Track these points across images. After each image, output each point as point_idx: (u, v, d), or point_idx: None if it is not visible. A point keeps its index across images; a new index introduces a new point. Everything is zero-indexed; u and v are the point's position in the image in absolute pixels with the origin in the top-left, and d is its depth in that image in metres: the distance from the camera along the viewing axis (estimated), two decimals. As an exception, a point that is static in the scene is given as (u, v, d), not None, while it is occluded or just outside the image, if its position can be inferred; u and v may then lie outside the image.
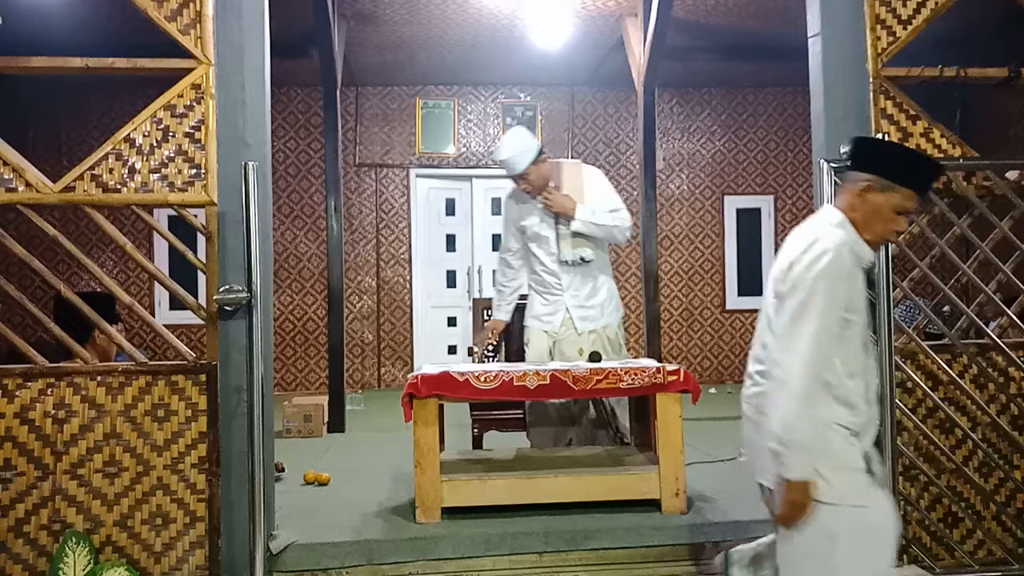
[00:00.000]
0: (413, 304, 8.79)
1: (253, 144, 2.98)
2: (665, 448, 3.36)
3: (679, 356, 8.95)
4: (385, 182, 8.77)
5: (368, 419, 6.58)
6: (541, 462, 3.58)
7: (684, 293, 9.05)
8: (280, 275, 8.52)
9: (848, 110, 3.17)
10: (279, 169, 8.51)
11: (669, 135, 9.03)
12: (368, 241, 8.75)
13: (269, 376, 3.00)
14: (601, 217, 3.85)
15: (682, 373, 3.37)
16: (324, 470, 4.30)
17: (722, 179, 9.10)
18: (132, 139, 2.92)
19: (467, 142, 8.83)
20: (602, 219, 3.85)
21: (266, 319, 2.96)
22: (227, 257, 2.92)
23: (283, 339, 8.57)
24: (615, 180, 8.99)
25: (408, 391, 3.30)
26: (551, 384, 3.33)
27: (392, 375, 8.76)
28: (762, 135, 9.14)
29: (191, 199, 2.92)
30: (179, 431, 2.90)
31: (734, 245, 9.12)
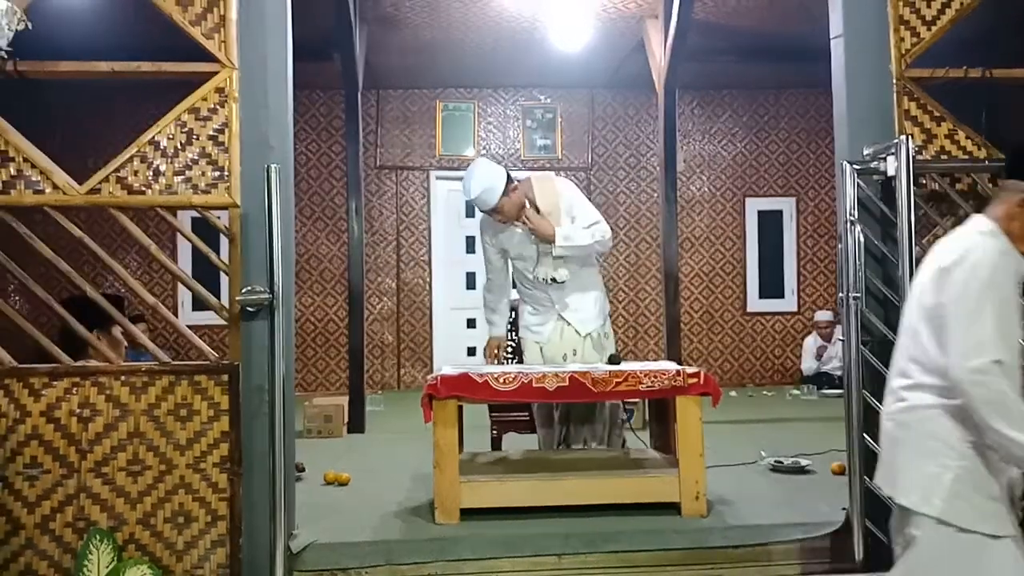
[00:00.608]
0: (433, 306, 8.81)
1: (276, 146, 3.00)
2: (685, 451, 3.34)
3: (699, 359, 8.90)
4: (405, 184, 8.80)
5: (388, 420, 6.59)
6: (560, 464, 3.57)
7: (704, 295, 9.00)
8: (301, 276, 8.57)
9: (871, 112, 3.14)
10: (301, 171, 8.57)
11: (690, 137, 8.99)
12: (388, 243, 8.78)
13: (290, 376, 3.02)
14: (580, 236, 3.81)
15: (702, 376, 3.35)
16: (344, 470, 4.32)
17: (743, 181, 9.05)
18: (156, 142, 2.95)
19: (487, 144, 8.84)
20: (581, 238, 3.80)
21: (287, 320, 2.98)
22: (249, 258, 2.94)
23: (304, 340, 8.62)
24: (636, 182, 8.96)
25: (428, 392, 3.31)
26: (570, 386, 3.33)
27: (412, 376, 8.78)
28: (784, 137, 9.07)
29: (214, 201, 2.95)
30: (201, 430, 2.93)
31: (755, 247, 9.06)
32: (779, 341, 9.05)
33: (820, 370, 8.23)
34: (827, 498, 3.60)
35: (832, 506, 3.38)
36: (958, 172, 3.19)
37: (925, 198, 3.16)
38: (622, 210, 8.95)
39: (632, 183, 8.98)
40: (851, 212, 3.02)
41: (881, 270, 3.12)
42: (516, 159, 8.84)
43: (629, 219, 8.96)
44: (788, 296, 9.10)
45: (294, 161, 3.27)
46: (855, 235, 2.99)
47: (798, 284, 9.09)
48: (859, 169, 3.05)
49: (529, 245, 3.91)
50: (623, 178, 8.97)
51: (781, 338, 9.05)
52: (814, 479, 4.15)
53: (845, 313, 3.01)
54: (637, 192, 8.97)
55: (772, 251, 9.08)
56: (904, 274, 2.99)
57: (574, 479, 3.37)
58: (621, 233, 8.94)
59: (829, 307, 8.85)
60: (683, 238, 8.76)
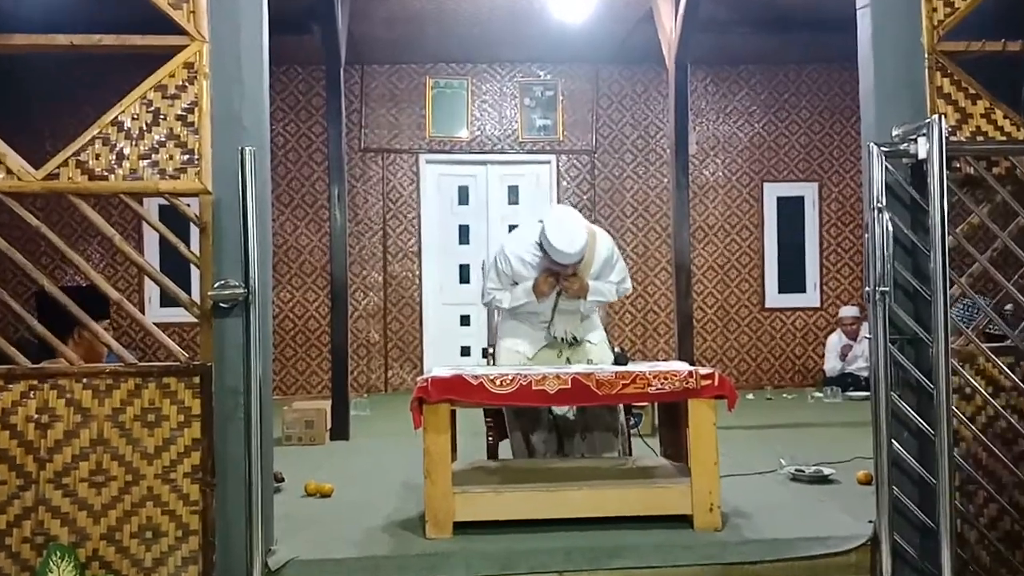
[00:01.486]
0: (423, 301, 8.81)
1: (250, 127, 2.99)
2: (698, 459, 3.35)
3: (713, 359, 8.92)
4: (393, 168, 8.80)
5: (374, 425, 6.60)
6: (562, 473, 3.58)
7: (719, 290, 9.02)
8: (279, 270, 8.57)
9: (900, 88, 3.14)
10: (278, 155, 8.56)
11: (703, 116, 8.99)
12: (374, 233, 8.78)
13: (268, 378, 3.02)
14: (607, 290, 3.99)
15: (717, 377, 3.36)
16: (327, 480, 4.32)
17: (761, 165, 9.05)
18: (120, 123, 2.94)
19: (482, 124, 8.84)
20: (608, 292, 3.99)
21: (264, 317, 2.98)
22: (222, 250, 2.94)
23: (283, 339, 8.62)
24: (644, 166, 8.97)
25: (417, 395, 3.31)
26: (573, 389, 3.33)
27: (400, 378, 8.79)
28: (805, 116, 9.07)
29: (183, 187, 2.94)
30: (171, 437, 2.93)
31: (774, 237, 9.07)
32: (800, 339, 9.06)
33: (845, 371, 8.25)
34: (852, 510, 3.61)
35: (857, 519, 3.39)
36: (995, 155, 3.19)
37: (959, 183, 3.16)
38: (629, 197, 8.96)
39: (640, 167, 8.98)
40: (878, 198, 3.02)
41: (911, 261, 3.12)
42: (513, 141, 8.84)
43: (637, 206, 8.96)
44: (810, 290, 9.11)
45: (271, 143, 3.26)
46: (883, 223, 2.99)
47: (821, 277, 9.10)
48: (887, 151, 3.05)
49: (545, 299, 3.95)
50: (630, 162, 8.97)
51: (802, 336, 9.06)
52: (838, 489, 4.15)
53: (872, 308, 3.01)
54: (645, 177, 8.97)
55: (792, 241, 9.09)
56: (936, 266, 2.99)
57: (577, 490, 3.37)
58: (628, 222, 8.95)
59: (855, 302, 8.87)
60: (695, 227, 8.77)
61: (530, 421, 4.00)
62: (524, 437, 4.01)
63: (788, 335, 9.07)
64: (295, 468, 4.64)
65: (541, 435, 4.01)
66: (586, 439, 4.00)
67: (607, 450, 3.99)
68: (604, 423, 3.99)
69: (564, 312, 4.03)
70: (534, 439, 4.01)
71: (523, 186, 8.98)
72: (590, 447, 4.00)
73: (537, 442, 4.02)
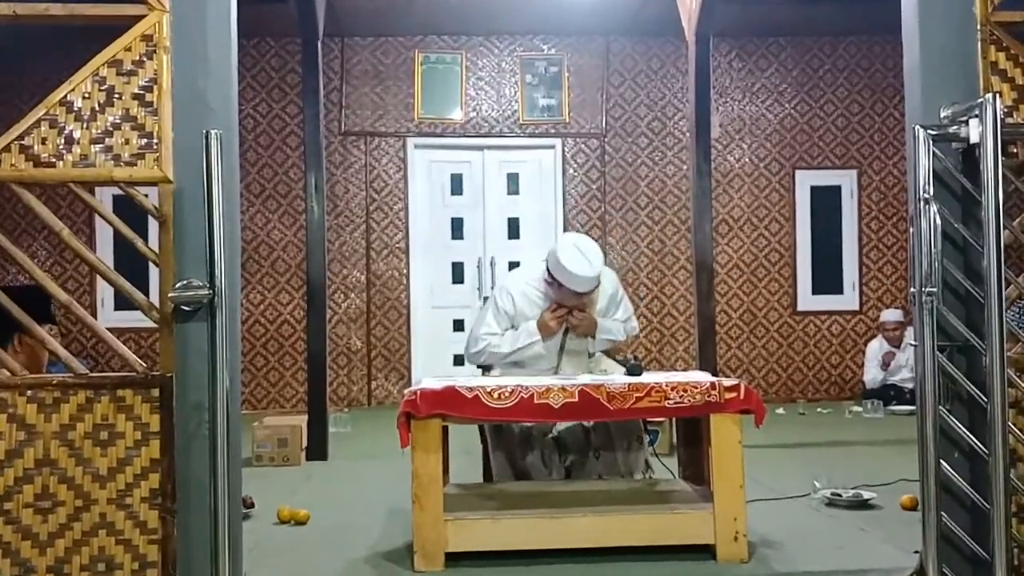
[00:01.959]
0: (411, 304, 8.81)
1: (216, 108, 2.99)
2: (721, 482, 3.35)
3: (739, 368, 8.92)
4: (377, 154, 8.80)
5: (356, 444, 6.61)
6: (567, 498, 3.58)
7: (745, 291, 9.02)
8: (249, 268, 8.57)
9: (949, 64, 3.14)
10: (248, 139, 8.56)
11: (727, 96, 9.00)
12: (356, 227, 8.78)
13: (236, 391, 3.02)
14: (615, 329, 4.12)
15: (742, 389, 3.36)
16: (302, 506, 4.32)
17: (793, 150, 9.05)
18: (69, 102, 2.94)
19: (477, 105, 8.84)
20: (616, 332, 4.13)
21: (232, 321, 2.97)
22: (185, 246, 2.93)
23: (253, 346, 8.62)
24: (660, 152, 8.97)
25: (405, 410, 3.31)
26: (580, 403, 3.33)
27: (385, 390, 8.79)
28: (842, 95, 9.08)
29: (141, 175, 2.94)
30: (126, 458, 2.92)
31: (807, 231, 9.08)
32: (837, 347, 9.07)
33: (887, 382, 8.25)
34: (895, 539, 3.61)
35: (901, 549, 3.39)
36: (1057, 138, 3.18)
37: (1016, 170, 3.16)
38: (643, 186, 8.96)
39: (656, 152, 8.98)
40: (925, 188, 3.02)
41: (962, 259, 3.12)
42: (513, 123, 8.85)
43: (652, 197, 8.96)
44: (848, 291, 9.12)
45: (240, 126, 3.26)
46: (930, 216, 2.99)
47: (860, 276, 9.11)
48: (935, 135, 3.05)
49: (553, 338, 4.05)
50: (645, 146, 8.97)
51: (839, 343, 9.07)
52: (879, 515, 4.16)
53: (918, 312, 3.01)
54: (662, 164, 8.97)
55: (828, 236, 9.10)
56: (990, 263, 2.99)
57: (583, 517, 3.37)
58: (642, 214, 8.96)
59: (898, 304, 8.88)
60: (719, 220, 8.78)
61: (520, 438, 3.98)
62: (509, 459, 3.99)
63: (823, 342, 9.07)
64: (267, 492, 4.63)
65: (535, 455, 4.00)
66: (601, 457, 3.99)
67: (631, 469, 3.98)
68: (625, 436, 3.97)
69: (572, 353, 4.08)
70: (529, 460, 4.00)
71: (524, 174, 8.99)
72: (608, 467, 3.98)
73: (533, 463, 3.99)
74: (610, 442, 3.98)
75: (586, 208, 8.89)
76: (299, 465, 5.82)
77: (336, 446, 6.26)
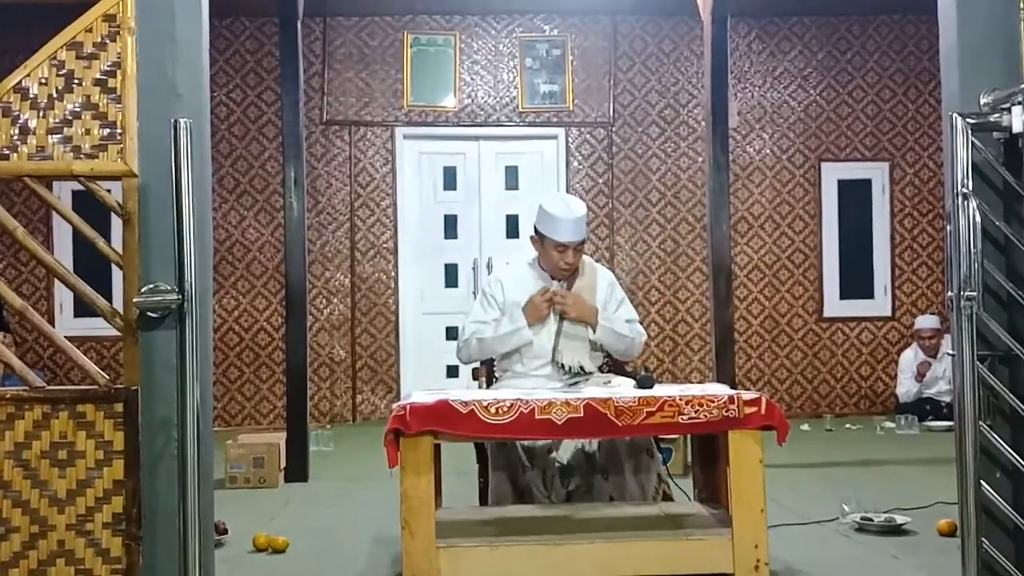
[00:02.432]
0: (400, 310, 8.81)
1: (186, 95, 2.99)
2: (741, 505, 3.34)
3: (759, 380, 8.92)
4: (363, 146, 8.81)
5: (339, 464, 6.60)
6: (572, 523, 3.57)
7: (766, 295, 9.02)
8: (222, 270, 8.57)
9: (990, 46, 3.14)
10: (221, 128, 8.56)
11: (746, 81, 9.01)
12: (340, 225, 8.78)
13: (207, 406, 3.01)
14: (619, 324, 4.17)
15: (763, 403, 3.36)
16: (281, 532, 4.31)
17: (818, 140, 9.06)
18: (24, 89, 2.94)
19: (472, 91, 8.85)
20: (620, 326, 4.16)
21: (203, 329, 2.97)
22: (151, 246, 2.93)
23: (226, 356, 8.61)
24: (673, 142, 8.98)
25: (393, 426, 3.31)
26: (586, 418, 3.33)
27: (372, 405, 8.78)
28: (873, 80, 9.09)
29: (103, 168, 2.94)
30: (87, 479, 2.92)
31: (835, 230, 9.08)
32: (867, 356, 9.07)
33: (922, 395, 8.25)
34: (932, 567, 3.61)
35: (939, 578, 3.38)
36: (1108, 128, 3.18)
37: (1063, 162, 3.16)
38: (655, 180, 8.97)
39: (668, 143, 8.99)
40: (963, 181, 3.02)
41: (1004, 259, 3.12)
42: (511, 111, 8.86)
43: (665, 192, 8.97)
44: (879, 296, 9.13)
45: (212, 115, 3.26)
46: (969, 212, 2.99)
47: (892, 279, 9.11)
48: (974, 124, 3.05)
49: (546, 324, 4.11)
50: (656, 136, 8.98)
51: (870, 352, 9.07)
52: (914, 542, 4.15)
53: (956, 318, 3.01)
54: (675, 155, 8.98)
55: (857, 235, 9.11)
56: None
57: (591, 544, 3.37)
58: (653, 211, 8.96)
59: (934, 310, 8.88)
60: (737, 218, 8.78)
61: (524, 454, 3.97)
62: (510, 480, 3.99)
63: (852, 351, 9.07)
64: (241, 517, 4.63)
65: (536, 476, 3.99)
66: (610, 479, 3.98)
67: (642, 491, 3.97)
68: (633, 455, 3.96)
69: (570, 336, 4.11)
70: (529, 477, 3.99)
71: (524, 167, 8.99)
72: (618, 489, 3.98)
73: (534, 481, 3.98)
74: (618, 462, 3.97)
75: (592, 204, 8.88)
76: (277, 487, 5.81)
77: (318, 466, 6.25)
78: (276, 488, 5.79)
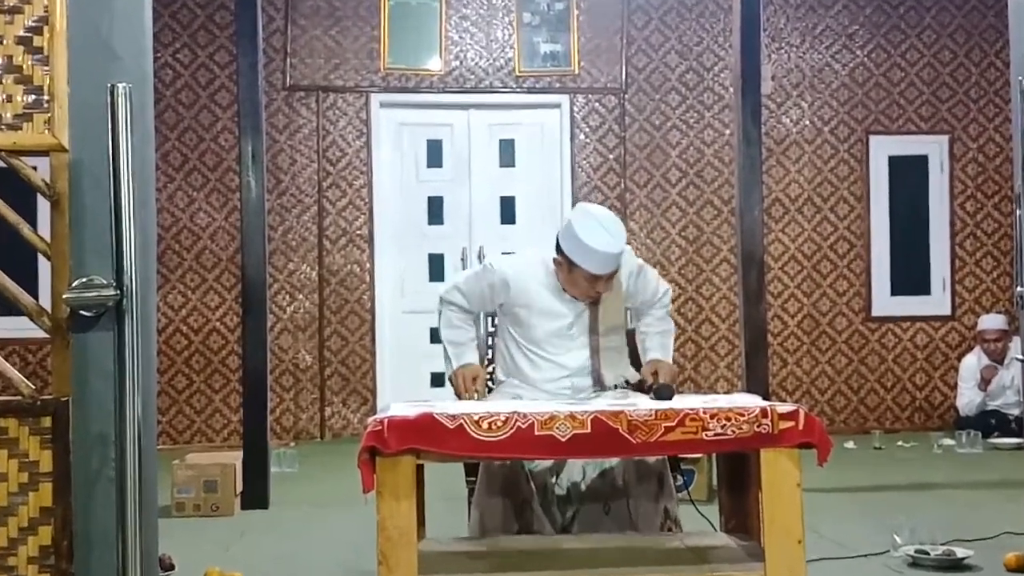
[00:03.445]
0: (376, 307, 8.81)
1: (125, 56, 2.99)
2: (775, 536, 3.35)
3: (797, 390, 8.93)
4: (332, 115, 8.80)
5: (305, 488, 6.61)
6: (579, 557, 3.58)
7: (805, 290, 9.03)
8: (168, 262, 8.56)
9: (1067, -1, 3.14)
10: (166, 96, 8.55)
11: (782, 40, 9.01)
12: (306, 208, 8.77)
13: (151, 420, 3.01)
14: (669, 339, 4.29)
15: (802, 417, 3.36)
16: (236, 567, 4.31)
17: (866, 110, 9.07)
18: (-65, 48, 2.93)
19: (461, 52, 8.84)
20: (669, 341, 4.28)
21: (145, 330, 2.97)
22: (84, 233, 2.93)
23: (172, 362, 8.61)
24: (696, 112, 8.98)
25: (368, 444, 3.30)
26: (594, 434, 3.32)
27: (343, 419, 8.78)
28: (930, 41, 9.09)
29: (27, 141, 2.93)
30: (9, 506, 2.92)
31: (884, 215, 9.10)
32: (922, 362, 9.08)
33: (987, 407, 8.27)
34: (998, 609, 3.61)
35: (1006, 622, 3.39)
36: None
37: None
38: (675, 156, 8.97)
39: (690, 113, 8.99)
40: (1036, 158, 3.02)
41: (1083, 249, 3.12)
42: (507, 75, 8.85)
43: (686, 169, 8.97)
44: (936, 291, 9.14)
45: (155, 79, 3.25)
46: (1042, 194, 2.99)
47: (952, 273, 9.12)
48: (1048, 90, 3.06)
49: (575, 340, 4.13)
50: (676, 105, 8.98)
51: (925, 357, 9.08)
52: (977, 579, 4.16)
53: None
54: (698, 127, 8.98)
55: (911, 221, 9.12)
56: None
57: (600, 580, 3.37)
58: (673, 192, 8.97)
59: (1000, 308, 8.89)
60: (771, 200, 8.79)
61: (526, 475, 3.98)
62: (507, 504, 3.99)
63: (905, 356, 9.08)
64: (190, 550, 4.62)
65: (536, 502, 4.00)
66: (610, 511, 3.99)
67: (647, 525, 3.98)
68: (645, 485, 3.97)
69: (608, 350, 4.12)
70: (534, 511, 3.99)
71: (521, 140, 9.00)
72: (618, 521, 3.99)
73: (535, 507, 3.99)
74: (622, 489, 3.97)
75: (601, 184, 8.89)
76: (232, 515, 5.81)
77: (280, 490, 6.25)
78: (231, 516, 5.79)
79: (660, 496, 4.00)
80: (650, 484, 3.99)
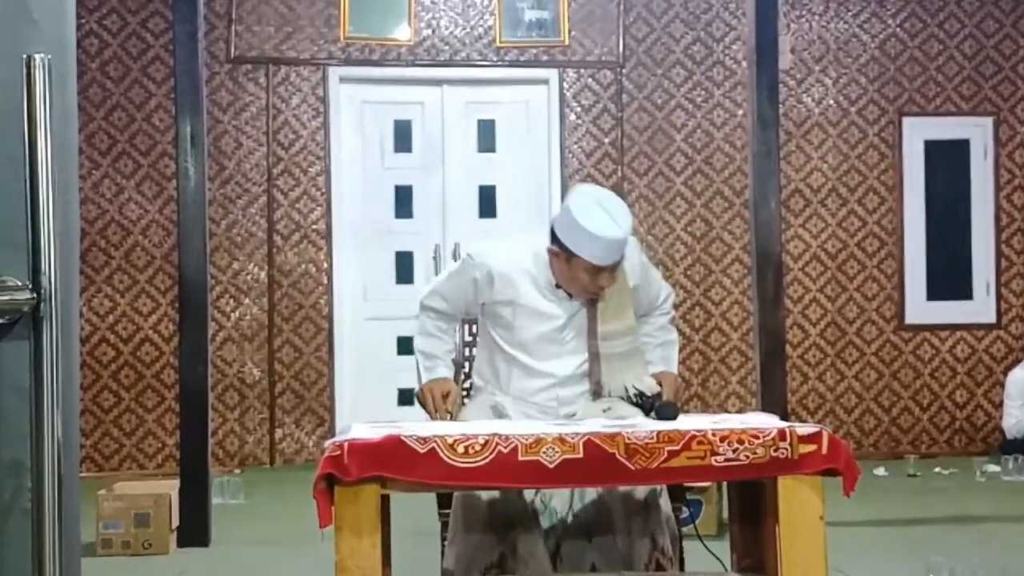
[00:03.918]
0: (335, 313, 8.80)
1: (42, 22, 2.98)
2: (795, 575, 3.36)
3: (819, 409, 8.95)
4: (284, 92, 8.79)
5: (253, 522, 6.61)
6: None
7: (829, 295, 9.06)
8: (92, 260, 8.54)
9: None
10: (91, 68, 8.53)
11: (802, 8, 9.04)
12: (253, 199, 8.76)
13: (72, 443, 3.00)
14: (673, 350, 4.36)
15: (825, 440, 3.37)
16: (172, 615, 4.32)
17: (899, 87, 9.10)
18: None
19: (434, 19, 8.84)
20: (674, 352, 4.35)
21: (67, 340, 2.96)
22: (-5, 227, 2.93)
23: (98, 377, 8.58)
24: (705, 89, 9.01)
25: (326, 471, 3.30)
26: (586, 459, 3.32)
27: (296, 442, 8.77)
28: (972, 8, 9.14)
29: (-70, 121, 2.93)
30: (-93, 544, 2.91)
31: (920, 208, 9.13)
32: (963, 377, 9.12)
33: (1037, 429, 8.32)
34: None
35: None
36: None
37: None
38: (679, 139, 8.99)
39: (697, 91, 9.01)
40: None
41: None
42: (486, 46, 8.85)
43: (693, 155, 8.99)
44: (979, 296, 9.17)
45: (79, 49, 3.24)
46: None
47: (998, 274, 9.16)
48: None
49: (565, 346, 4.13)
50: (681, 81, 9.00)
51: (967, 372, 9.12)
52: (1026, 626, 4.19)
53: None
54: (707, 107, 9.01)
55: (951, 214, 9.15)
56: None
57: (593, 629, 3.38)
58: (677, 181, 8.98)
59: (1053, 315, 8.93)
60: (790, 191, 8.82)
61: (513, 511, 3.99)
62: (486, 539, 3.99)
63: (943, 370, 9.12)
64: (119, 594, 4.63)
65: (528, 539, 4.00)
66: (595, 543, 3.99)
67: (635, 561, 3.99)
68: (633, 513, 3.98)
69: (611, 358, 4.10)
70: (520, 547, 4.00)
71: (503, 121, 9.01)
72: (605, 556, 3.99)
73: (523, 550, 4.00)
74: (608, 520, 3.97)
75: (595, 172, 8.91)
76: (167, 553, 5.80)
77: (223, 525, 6.24)
78: (166, 555, 5.78)
79: (647, 525, 4.00)
80: (640, 515, 4.00)
